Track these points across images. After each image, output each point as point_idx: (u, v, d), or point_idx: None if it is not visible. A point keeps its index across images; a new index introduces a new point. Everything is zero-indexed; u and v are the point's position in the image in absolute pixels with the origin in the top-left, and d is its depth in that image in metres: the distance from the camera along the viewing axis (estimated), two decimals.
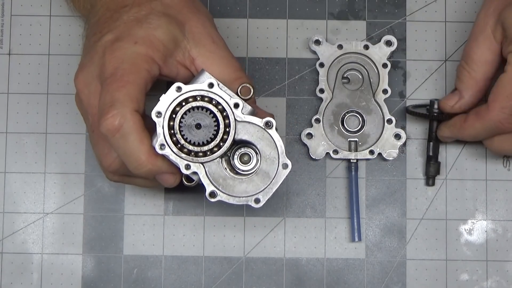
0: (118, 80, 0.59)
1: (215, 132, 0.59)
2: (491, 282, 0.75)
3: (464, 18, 0.77)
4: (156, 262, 0.75)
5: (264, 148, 0.60)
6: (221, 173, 0.60)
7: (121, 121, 0.58)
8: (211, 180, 0.60)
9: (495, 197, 0.76)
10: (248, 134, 0.60)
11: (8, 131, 0.77)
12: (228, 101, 0.59)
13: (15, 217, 0.76)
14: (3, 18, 0.77)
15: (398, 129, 0.75)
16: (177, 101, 0.59)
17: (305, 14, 0.77)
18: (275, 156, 0.60)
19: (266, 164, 0.60)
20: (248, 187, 0.60)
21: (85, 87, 0.62)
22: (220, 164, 0.60)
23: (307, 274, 0.75)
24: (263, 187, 0.60)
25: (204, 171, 0.59)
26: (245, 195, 0.60)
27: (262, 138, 0.60)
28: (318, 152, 0.75)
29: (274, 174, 0.60)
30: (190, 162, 0.59)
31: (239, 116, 0.59)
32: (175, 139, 0.59)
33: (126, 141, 0.59)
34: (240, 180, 0.60)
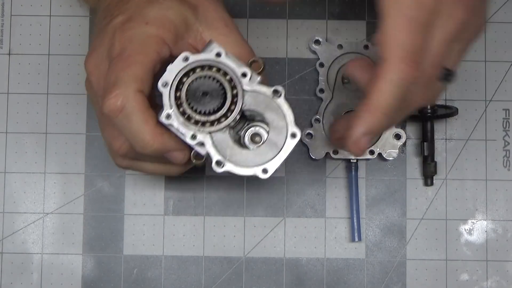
0: (124, 60, 0.58)
1: (222, 101, 0.58)
2: (491, 282, 0.75)
3: None
4: (156, 262, 0.75)
5: (272, 117, 0.58)
6: (228, 143, 0.58)
7: (124, 101, 0.57)
8: (218, 150, 0.58)
9: (495, 197, 0.76)
10: (256, 104, 0.58)
11: (8, 131, 0.77)
12: (236, 71, 0.58)
13: (15, 217, 0.76)
14: (3, 18, 0.78)
15: (398, 129, 0.75)
16: (184, 71, 0.58)
17: (305, 14, 0.77)
18: (284, 125, 0.58)
19: (274, 134, 0.58)
20: (256, 158, 0.58)
21: (95, 69, 0.61)
22: (227, 134, 0.58)
23: (307, 274, 0.75)
24: (271, 157, 0.58)
25: (211, 141, 0.58)
26: (253, 165, 0.58)
27: (270, 108, 0.58)
28: (318, 152, 0.75)
29: (283, 144, 0.58)
30: (196, 132, 0.58)
31: (247, 86, 0.58)
32: (182, 109, 0.58)
33: (130, 122, 0.58)
34: (247, 151, 0.58)
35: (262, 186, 0.76)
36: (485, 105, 0.77)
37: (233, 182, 0.76)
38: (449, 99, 0.77)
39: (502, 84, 0.77)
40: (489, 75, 0.77)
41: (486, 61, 0.77)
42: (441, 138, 0.76)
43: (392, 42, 0.57)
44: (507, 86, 0.77)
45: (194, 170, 0.76)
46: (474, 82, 0.77)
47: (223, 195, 0.76)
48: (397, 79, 0.57)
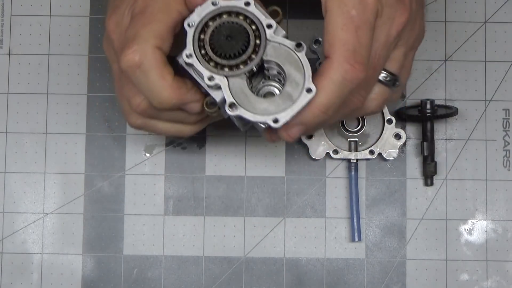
0: (146, 17, 0.58)
1: (244, 47, 0.58)
2: (491, 282, 0.75)
3: (464, 18, 0.77)
4: (156, 262, 0.75)
5: (290, 71, 0.58)
6: (243, 89, 0.58)
7: (142, 57, 0.57)
8: (233, 94, 0.58)
9: (495, 197, 0.76)
10: (277, 55, 0.58)
11: (8, 131, 0.77)
12: (262, 21, 0.58)
13: (15, 217, 0.76)
14: (3, 18, 0.78)
15: (398, 129, 0.75)
16: (211, 14, 0.58)
17: (305, 14, 0.77)
18: (301, 80, 0.58)
19: (290, 87, 0.58)
20: (269, 107, 0.58)
21: (116, 27, 0.61)
22: (244, 81, 0.58)
23: (307, 274, 0.75)
24: (284, 109, 0.58)
25: (228, 85, 0.58)
26: (265, 113, 0.58)
27: (289, 61, 0.58)
28: (318, 152, 0.75)
29: (297, 97, 0.57)
30: (214, 74, 0.58)
31: (271, 36, 0.58)
32: (204, 51, 0.58)
33: (147, 77, 0.58)
34: (261, 100, 0.58)
35: (262, 186, 0.76)
36: (485, 105, 0.77)
37: (233, 182, 0.76)
38: (449, 99, 0.77)
39: (502, 84, 0.77)
40: (489, 75, 0.77)
41: (486, 61, 0.77)
42: (441, 138, 0.76)
43: (336, 42, 0.57)
44: (507, 86, 0.77)
45: (194, 170, 0.76)
46: (474, 82, 0.77)
47: (223, 195, 0.76)
48: (340, 79, 0.57)
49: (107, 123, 0.77)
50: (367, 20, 0.58)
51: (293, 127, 0.59)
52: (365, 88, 0.60)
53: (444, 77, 0.77)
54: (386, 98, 0.63)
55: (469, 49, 0.77)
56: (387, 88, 0.62)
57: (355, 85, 0.57)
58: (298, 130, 0.59)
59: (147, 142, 0.76)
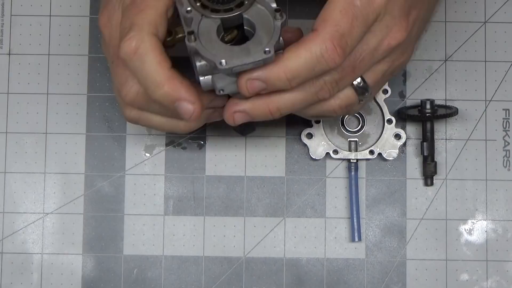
0: (138, 6, 0.59)
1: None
2: (491, 282, 0.75)
3: (464, 18, 0.77)
4: (156, 262, 0.75)
5: (260, 33, 0.58)
6: (210, 30, 0.59)
7: (138, 43, 0.58)
8: (199, 29, 0.59)
9: (495, 197, 0.76)
10: (256, 18, 0.59)
11: (8, 131, 0.77)
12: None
13: (15, 217, 0.76)
14: (3, 18, 0.78)
15: (398, 129, 0.75)
16: None
17: (305, 14, 0.77)
18: (265, 42, 0.58)
19: (252, 44, 0.58)
20: (224, 52, 0.58)
21: (108, 21, 0.62)
22: (215, 25, 0.59)
23: (307, 274, 0.75)
24: (237, 57, 0.58)
25: (199, 20, 0.59)
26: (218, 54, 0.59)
27: (264, 25, 0.59)
28: (318, 152, 0.75)
29: (254, 53, 0.58)
30: (196, 10, 0.59)
31: None
32: (200, 3, 0.59)
33: (143, 63, 0.58)
34: (220, 43, 0.59)
35: (262, 186, 0.76)
36: (485, 105, 0.77)
37: (233, 182, 0.76)
38: (449, 99, 0.77)
39: (502, 84, 0.77)
40: (489, 75, 0.77)
41: (486, 61, 0.77)
42: (441, 138, 0.76)
43: (330, 20, 0.57)
44: (507, 86, 0.77)
45: (194, 170, 0.76)
46: (474, 82, 0.77)
47: (223, 195, 0.76)
48: (317, 54, 0.57)
49: (107, 123, 0.77)
50: (366, 16, 0.58)
51: (254, 81, 0.58)
52: (338, 82, 0.60)
53: (444, 77, 0.77)
54: (350, 104, 0.63)
55: (469, 49, 0.77)
56: (356, 95, 0.62)
57: (328, 67, 0.57)
58: (258, 85, 0.58)
59: (147, 142, 0.76)
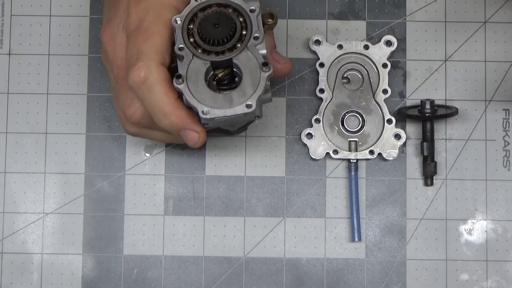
0: (143, 32, 0.61)
1: (230, 35, 0.60)
2: (491, 282, 0.75)
3: (464, 18, 0.77)
4: (156, 262, 0.75)
5: (246, 82, 0.60)
6: (198, 73, 0.60)
7: (147, 73, 0.60)
8: (188, 71, 0.60)
9: (495, 197, 0.76)
10: (245, 64, 0.60)
11: (8, 131, 0.77)
12: (245, 7, 0.61)
13: (15, 217, 0.76)
14: (3, 18, 0.78)
15: (398, 129, 0.75)
16: (198, 7, 0.61)
17: (305, 14, 0.77)
18: (249, 94, 0.60)
19: (236, 94, 0.60)
20: (209, 99, 0.60)
21: (111, 40, 0.63)
22: (204, 67, 0.60)
23: (307, 274, 0.75)
24: (219, 106, 0.60)
25: (189, 61, 0.60)
26: (202, 101, 0.60)
27: (251, 75, 0.60)
28: (318, 152, 0.75)
29: (235, 105, 0.60)
30: (192, 53, 0.60)
31: (251, 46, 0.60)
32: (195, 43, 0.61)
33: (151, 93, 0.60)
34: (206, 89, 0.61)
35: (262, 186, 0.76)
36: (485, 105, 0.77)
37: (233, 182, 0.76)
38: (449, 99, 0.77)
39: (502, 84, 0.77)
40: (489, 75, 0.77)
41: (486, 61, 0.77)
42: (441, 138, 0.76)
43: None
44: (507, 86, 0.77)
45: (194, 170, 0.76)
46: (474, 82, 0.77)
47: (223, 195, 0.76)
48: None
49: (107, 123, 0.77)
50: None
51: None
52: None
53: (444, 77, 0.77)
54: None
55: (469, 49, 0.77)
56: None
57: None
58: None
59: (147, 142, 0.76)
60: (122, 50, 0.63)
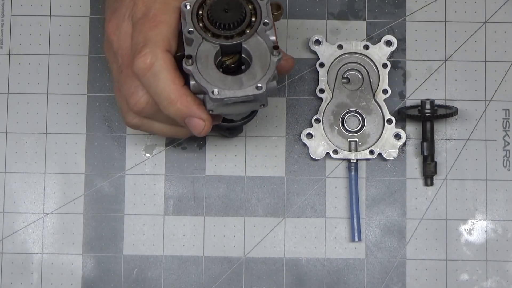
0: (150, 20, 0.61)
1: (240, 20, 0.60)
2: (491, 282, 0.75)
3: (464, 18, 0.77)
4: (156, 262, 0.75)
5: (255, 66, 0.60)
6: (208, 55, 0.60)
7: (153, 59, 0.60)
8: (197, 53, 0.60)
9: (495, 197, 0.76)
10: (254, 49, 0.60)
11: (8, 131, 0.77)
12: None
13: (15, 217, 0.76)
14: (3, 18, 0.78)
15: (398, 129, 0.75)
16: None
17: (305, 14, 0.77)
18: (259, 76, 0.60)
19: (246, 77, 0.60)
20: (218, 80, 0.60)
21: (116, 29, 0.63)
22: (213, 50, 0.60)
23: (307, 274, 0.75)
24: (230, 88, 0.60)
25: (199, 44, 0.60)
26: (211, 82, 0.60)
27: (261, 59, 0.60)
28: (318, 152, 0.75)
29: (245, 87, 0.60)
30: (199, 34, 0.60)
31: (261, 30, 0.60)
32: (202, 25, 0.60)
33: (157, 79, 0.60)
34: (215, 70, 0.60)
35: (262, 186, 0.76)
36: (485, 105, 0.77)
37: (233, 182, 0.76)
38: (449, 99, 0.77)
39: (502, 84, 0.77)
40: (489, 75, 0.77)
41: (486, 61, 0.77)
42: (441, 138, 0.76)
43: None
44: (507, 86, 0.77)
45: (194, 170, 0.76)
46: (474, 82, 0.77)
47: (223, 195, 0.76)
48: None
49: (107, 123, 0.77)
50: None
51: None
52: None
53: (444, 77, 0.77)
54: None
55: (469, 49, 0.77)
56: None
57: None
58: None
59: (147, 142, 0.76)
60: (127, 39, 0.62)
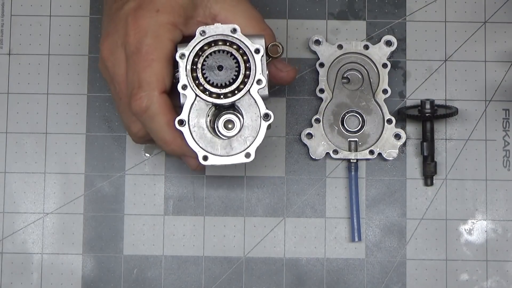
0: (143, 59, 0.61)
1: (236, 74, 0.60)
2: (491, 282, 0.75)
3: (464, 18, 0.77)
4: (156, 262, 0.75)
5: (246, 129, 0.61)
6: (199, 117, 0.61)
7: (148, 103, 0.61)
8: (190, 113, 0.61)
9: (495, 197, 0.76)
10: (246, 109, 0.61)
11: (8, 131, 0.77)
12: (250, 46, 0.60)
13: (15, 217, 0.76)
14: (3, 18, 0.78)
15: (398, 129, 0.75)
16: (201, 44, 0.60)
17: (305, 14, 0.77)
18: (249, 141, 0.61)
19: (237, 141, 0.61)
20: (208, 144, 0.61)
21: (110, 55, 0.63)
22: (206, 109, 0.61)
23: (307, 274, 0.75)
24: (219, 152, 0.61)
25: (192, 102, 0.61)
26: (202, 146, 0.61)
27: (253, 122, 0.61)
28: (318, 152, 0.75)
29: (234, 153, 0.61)
30: (194, 91, 0.60)
31: (254, 91, 0.60)
32: (198, 82, 0.60)
33: (153, 122, 0.61)
34: (207, 133, 0.61)
35: (262, 186, 0.76)
36: (485, 105, 0.77)
37: (233, 182, 0.76)
38: (449, 99, 0.77)
39: (502, 84, 0.77)
40: (489, 75, 0.77)
41: (486, 61, 0.77)
42: (441, 138, 0.76)
43: None
44: (507, 86, 0.77)
45: (194, 171, 0.76)
46: (474, 82, 0.77)
47: (223, 195, 0.76)
48: None
49: (107, 123, 0.77)
50: None
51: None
52: None
53: (444, 77, 0.77)
54: None
55: (469, 49, 0.77)
56: None
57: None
58: None
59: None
60: (121, 66, 0.63)
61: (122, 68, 0.63)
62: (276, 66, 0.66)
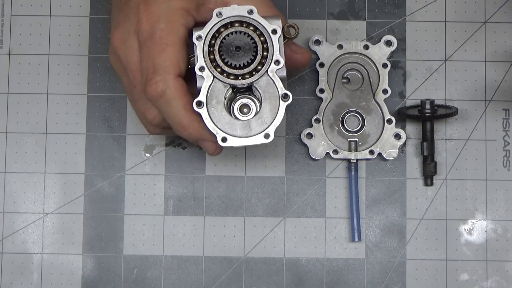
0: (157, 44, 0.61)
1: (253, 55, 0.60)
2: (491, 282, 0.75)
3: (464, 18, 0.77)
4: (156, 262, 0.75)
5: (265, 109, 0.61)
6: (219, 98, 0.61)
7: (164, 87, 0.60)
8: (208, 95, 0.60)
9: (495, 197, 0.76)
10: (265, 90, 0.61)
11: (8, 131, 0.77)
12: (267, 27, 0.60)
13: (15, 217, 0.76)
14: (3, 18, 0.78)
15: (398, 129, 0.75)
16: (218, 25, 0.60)
17: (305, 14, 0.77)
18: (268, 122, 0.61)
19: (256, 122, 0.61)
20: (227, 124, 0.61)
21: (122, 44, 0.63)
22: (224, 91, 0.61)
23: (307, 274, 0.75)
24: (238, 134, 0.61)
25: (209, 84, 0.60)
26: (220, 126, 0.61)
27: (271, 102, 0.61)
28: (318, 152, 0.75)
29: (254, 134, 0.61)
30: (212, 74, 0.60)
31: (272, 71, 0.60)
32: (215, 64, 0.60)
33: (169, 106, 0.61)
34: (225, 115, 0.61)
35: (262, 186, 0.76)
36: (485, 105, 0.77)
37: (233, 182, 0.76)
38: (449, 99, 0.77)
39: (502, 84, 0.77)
40: (489, 75, 0.77)
41: (486, 61, 0.77)
42: (441, 138, 0.76)
43: None
44: (507, 86, 0.77)
45: (194, 170, 0.76)
46: (474, 82, 0.77)
47: (223, 195, 0.76)
48: None
49: (107, 123, 0.77)
50: None
51: None
52: None
53: (444, 77, 0.77)
54: None
55: (469, 49, 0.77)
56: None
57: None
58: None
59: (147, 142, 0.77)
60: (134, 54, 0.63)
61: (135, 56, 0.62)
62: (290, 48, 0.66)
